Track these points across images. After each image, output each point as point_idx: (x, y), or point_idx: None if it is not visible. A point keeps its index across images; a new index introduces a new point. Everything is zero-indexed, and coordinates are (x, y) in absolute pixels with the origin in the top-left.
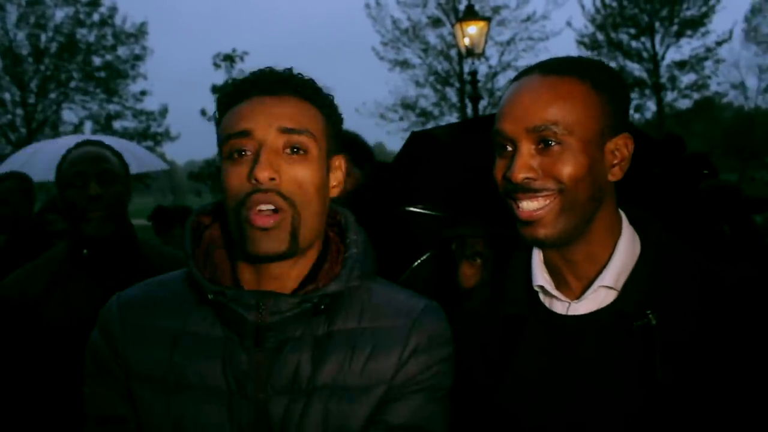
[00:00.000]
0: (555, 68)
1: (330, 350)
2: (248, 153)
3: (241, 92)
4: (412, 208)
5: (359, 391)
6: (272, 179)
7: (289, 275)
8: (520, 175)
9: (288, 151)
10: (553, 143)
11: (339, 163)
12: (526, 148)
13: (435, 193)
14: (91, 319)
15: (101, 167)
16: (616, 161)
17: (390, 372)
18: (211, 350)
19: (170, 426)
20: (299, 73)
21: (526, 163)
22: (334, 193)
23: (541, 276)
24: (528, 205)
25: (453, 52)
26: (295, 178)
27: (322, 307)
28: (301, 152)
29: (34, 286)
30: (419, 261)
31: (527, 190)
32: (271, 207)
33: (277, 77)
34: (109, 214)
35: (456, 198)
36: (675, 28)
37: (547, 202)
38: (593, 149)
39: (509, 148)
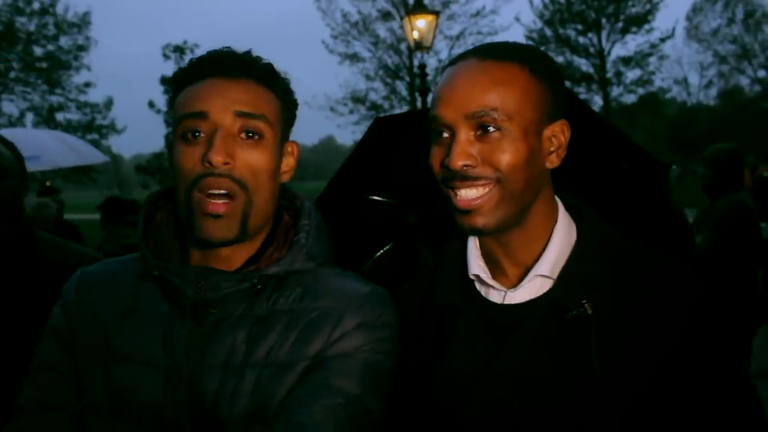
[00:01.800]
0: (493, 53)
1: (267, 329)
2: (202, 135)
3: (199, 72)
4: (374, 197)
5: (285, 366)
6: (226, 163)
7: (235, 257)
8: (458, 162)
9: (243, 135)
10: (492, 129)
11: (291, 148)
12: (465, 134)
13: (398, 181)
14: None
15: None
16: (553, 148)
17: (316, 349)
18: (156, 325)
19: (107, 395)
20: (257, 56)
21: (464, 150)
22: (285, 178)
23: (476, 265)
24: (466, 194)
25: (403, 46)
26: (249, 163)
27: (259, 286)
28: (256, 137)
29: None
30: (382, 251)
31: (465, 177)
32: (224, 191)
33: (236, 59)
34: (1, 211)
35: (418, 186)
36: (620, 24)
37: (486, 190)
38: (532, 136)
39: (446, 135)
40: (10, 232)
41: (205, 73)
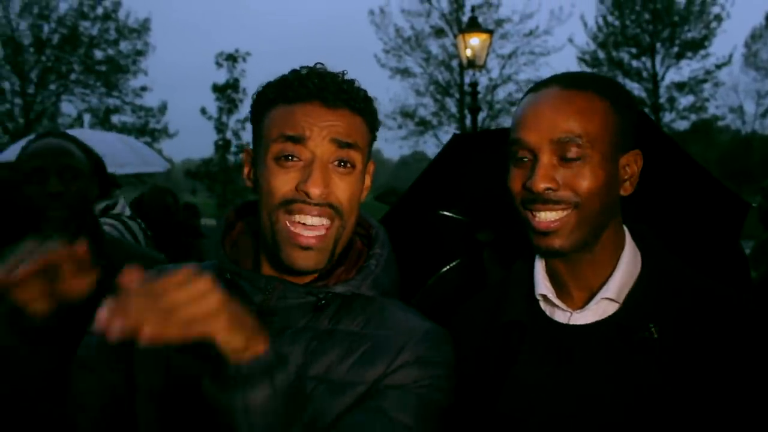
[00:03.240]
0: (576, 83)
1: (327, 346)
2: (299, 160)
3: (296, 94)
4: (446, 213)
5: (342, 385)
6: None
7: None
8: (542, 184)
9: (337, 164)
10: (575, 155)
11: (371, 168)
12: (548, 158)
13: (471, 198)
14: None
15: (63, 162)
16: (627, 176)
17: (374, 375)
18: None
19: (165, 381)
20: (354, 82)
21: (548, 173)
22: (362, 197)
23: (543, 285)
24: (546, 216)
25: (454, 63)
26: (344, 192)
27: (323, 302)
28: (349, 166)
29: None
30: (448, 267)
31: (547, 201)
32: (316, 221)
33: (336, 87)
34: (71, 213)
35: (491, 204)
36: (676, 49)
37: (565, 213)
38: (610, 164)
39: (527, 158)
40: (79, 231)
41: (302, 95)
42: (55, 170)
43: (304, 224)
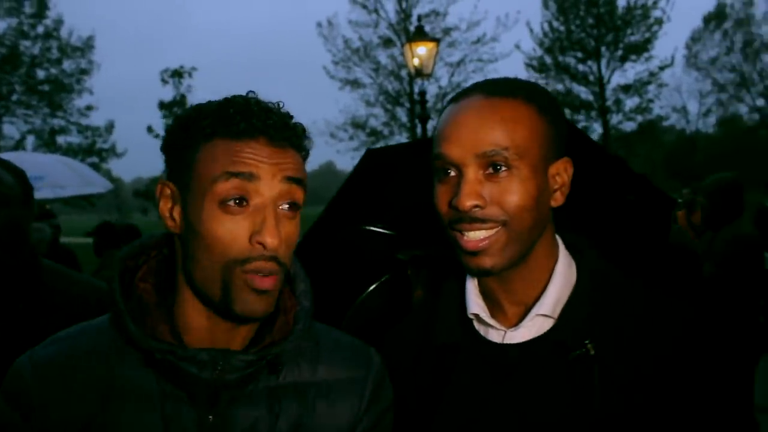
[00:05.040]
0: (499, 89)
1: (286, 404)
2: (247, 205)
3: (243, 130)
4: (369, 227)
5: None
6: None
7: (240, 329)
8: (468, 202)
9: (285, 206)
10: (502, 169)
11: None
12: (473, 173)
13: (391, 211)
14: None
15: None
16: (557, 186)
17: (347, 425)
18: (148, 408)
19: None
20: (292, 117)
21: (473, 190)
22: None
23: (475, 303)
24: (474, 235)
25: (404, 73)
26: (291, 238)
27: (281, 366)
28: (295, 209)
29: None
30: (375, 285)
31: (474, 220)
32: (272, 273)
33: (282, 123)
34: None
35: (412, 218)
36: (620, 52)
37: (493, 232)
38: (539, 175)
39: (452, 173)
40: (11, 261)
41: (247, 131)
42: None
43: (259, 273)
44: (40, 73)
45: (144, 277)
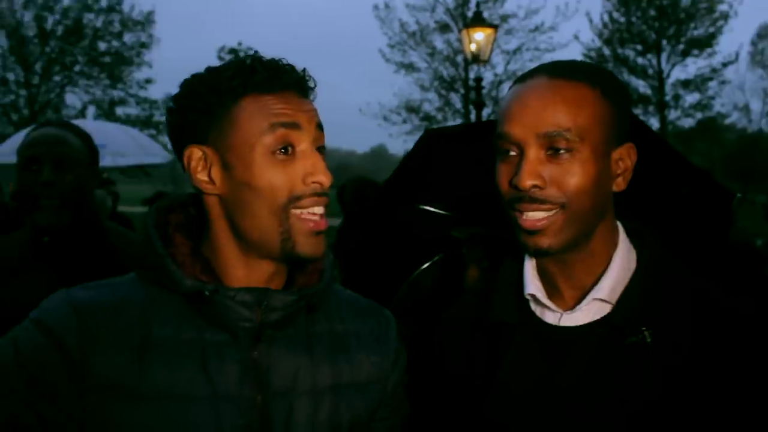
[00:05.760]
0: (564, 72)
1: (323, 348)
2: (294, 151)
3: (276, 84)
4: (425, 207)
5: (361, 387)
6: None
7: (279, 272)
8: (528, 181)
9: (318, 150)
10: (563, 150)
11: None
12: (535, 153)
13: (448, 192)
14: None
15: (58, 151)
16: (619, 171)
17: (378, 376)
18: (188, 356)
19: None
20: (304, 70)
21: (534, 170)
22: None
23: (533, 285)
24: (533, 215)
25: (459, 58)
26: (328, 177)
27: (316, 304)
28: (323, 151)
29: None
30: (428, 263)
31: (533, 200)
32: (323, 210)
33: (303, 78)
34: (64, 203)
35: (469, 198)
36: (682, 46)
37: (551, 213)
38: (601, 158)
39: (513, 153)
40: (75, 222)
41: (281, 85)
42: (49, 159)
43: (313, 214)
44: (102, 46)
45: (178, 228)
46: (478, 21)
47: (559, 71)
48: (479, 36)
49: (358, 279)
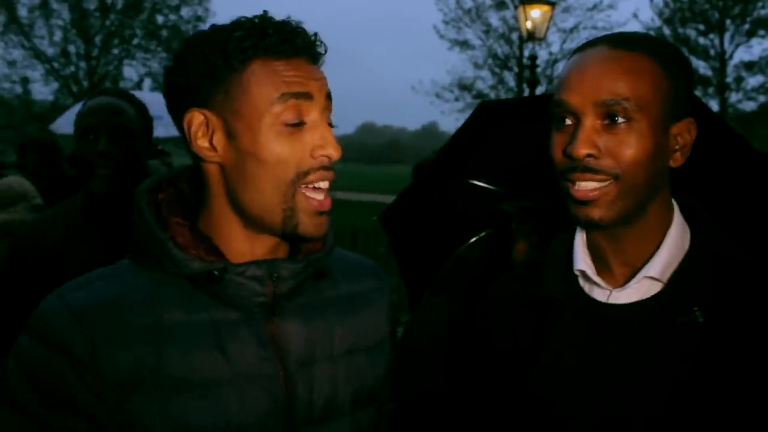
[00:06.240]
0: (625, 42)
1: (334, 313)
2: (305, 120)
3: (288, 49)
4: (474, 182)
5: (375, 348)
6: None
7: (281, 247)
8: (582, 150)
9: (327, 122)
10: (621, 120)
11: None
12: (591, 122)
13: (499, 167)
14: None
15: (114, 121)
16: (678, 146)
17: (387, 329)
18: (202, 337)
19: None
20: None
21: (589, 138)
22: None
23: (582, 260)
24: (585, 185)
25: (514, 36)
26: (337, 150)
27: (324, 270)
28: (331, 123)
29: (50, 238)
30: (476, 238)
31: (586, 169)
32: (329, 185)
33: (314, 43)
34: (118, 172)
35: (520, 173)
36: (747, 26)
37: (605, 184)
38: (659, 131)
39: (569, 122)
40: (126, 191)
41: (293, 50)
42: (105, 129)
43: (318, 189)
44: (160, 19)
45: (171, 208)
46: None
47: (621, 42)
48: (535, 13)
49: (406, 253)
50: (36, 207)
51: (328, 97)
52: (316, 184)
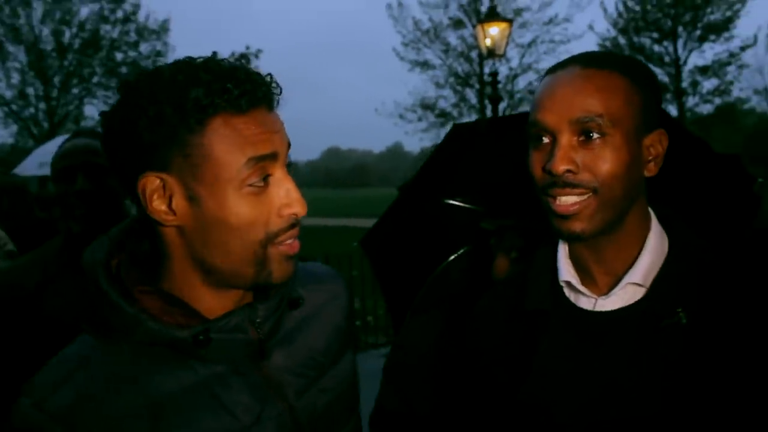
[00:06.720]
0: (595, 61)
1: (313, 331)
2: (271, 175)
3: (249, 101)
4: (451, 201)
5: (352, 357)
6: None
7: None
8: (561, 166)
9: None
10: (595, 136)
11: None
12: (567, 139)
13: (475, 186)
14: None
15: (90, 161)
16: (651, 157)
17: (345, 329)
18: (203, 399)
19: None
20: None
21: (567, 155)
22: None
23: (567, 271)
24: (566, 200)
25: (474, 54)
26: (303, 206)
27: (297, 297)
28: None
29: (27, 284)
30: (455, 255)
31: (566, 184)
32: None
33: (270, 88)
34: (95, 211)
35: (496, 191)
36: (698, 32)
37: (584, 197)
38: (633, 144)
39: (546, 140)
40: (106, 230)
41: (253, 101)
42: (82, 169)
43: (290, 240)
44: (119, 56)
45: (130, 277)
46: (493, 15)
47: (591, 61)
48: (494, 31)
49: (388, 276)
50: (8, 253)
51: (288, 145)
52: (289, 241)
